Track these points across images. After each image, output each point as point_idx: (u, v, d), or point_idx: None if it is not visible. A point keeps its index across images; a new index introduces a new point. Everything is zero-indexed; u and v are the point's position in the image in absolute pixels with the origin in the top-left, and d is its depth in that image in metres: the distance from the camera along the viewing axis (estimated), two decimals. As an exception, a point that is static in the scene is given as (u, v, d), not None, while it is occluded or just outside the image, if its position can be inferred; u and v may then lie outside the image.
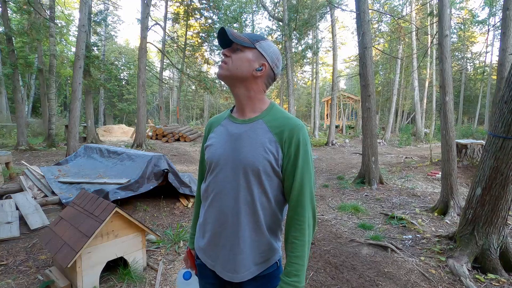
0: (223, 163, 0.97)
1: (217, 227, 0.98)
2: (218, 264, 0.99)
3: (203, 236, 1.05)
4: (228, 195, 0.95)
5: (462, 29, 25.66)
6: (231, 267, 0.96)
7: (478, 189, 2.77)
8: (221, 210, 0.97)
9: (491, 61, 25.12)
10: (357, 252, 3.08)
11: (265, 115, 0.98)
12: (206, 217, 1.03)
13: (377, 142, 6.26)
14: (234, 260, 0.96)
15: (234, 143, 0.97)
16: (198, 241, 1.08)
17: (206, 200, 1.04)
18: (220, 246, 0.98)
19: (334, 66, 15.50)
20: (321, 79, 35.41)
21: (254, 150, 0.92)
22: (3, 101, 16.45)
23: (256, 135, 0.95)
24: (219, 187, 0.98)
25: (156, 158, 4.12)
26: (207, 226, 1.02)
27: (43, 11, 10.69)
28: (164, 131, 14.24)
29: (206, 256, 1.04)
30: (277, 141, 0.93)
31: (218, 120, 1.10)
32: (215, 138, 1.04)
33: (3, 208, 3.55)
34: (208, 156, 1.03)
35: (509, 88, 2.53)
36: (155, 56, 34.00)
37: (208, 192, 1.03)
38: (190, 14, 19.28)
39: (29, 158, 8.34)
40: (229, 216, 0.95)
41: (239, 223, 0.94)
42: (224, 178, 0.97)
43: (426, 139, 17.21)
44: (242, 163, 0.93)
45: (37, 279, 2.41)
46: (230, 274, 0.97)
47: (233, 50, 0.97)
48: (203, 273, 1.08)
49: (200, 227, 1.08)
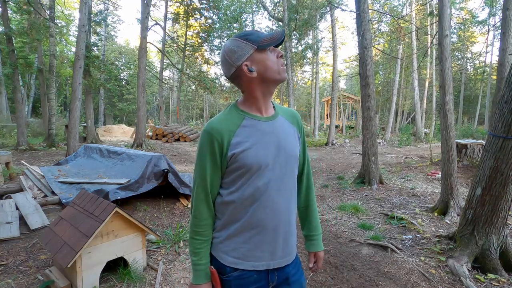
0: (272, 162, 0.99)
1: (272, 224, 1.00)
2: (273, 257, 1.02)
3: (246, 243, 0.99)
4: (279, 189, 1.01)
5: (462, 29, 25.67)
6: (287, 251, 1.05)
7: (478, 189, 2.77)
8: (275, 207, 1.00)
9: (491, 61, 25.12)
10: (357, 252, 3.08)
11: (279, 111, 1.10)
12: (252, 221, 0.98)
13: (377, 142, 6.26)
14: (288, 244, 1.05)
15: (275, 140, 1.01)
16: (233, 253, 1.01)
17: (251, 205, 0.98)
18: (275, 239, 1.01)
19: (334, 66, 15.51)
20: (321, 79, 35.41)
21: (292, 142, 1.06)
22: (3, 101, 16.45)
23: (286, 129, 1.06)
24: (270, 186, 0.99)
25: (156, 158, 4.12)
26: (254, 230, 0.99)
27: (43, 11, 10.69)
28: (164, 131, 14.24)
29: (252, 260, 1.00)
30: (297, 129, 1.12)
31: (233, 122, 1.00)
32: (248, 141, 0.97)
33: (3, 208, 3.55)
34: (251, 160, 0.95)
35: (509, 88, 2.53)
36: (155, 56, 34.00)
37: (256, 196, 0.97)
38: (190, 14, 19.29)
39: (29, 158, 8.34)
40: (283, 208, 1.02)
41: (290, 210, 1.05)
42: (274, 175, 1.00)
43: (426, 139, 17.20)
44: (289, 156, 1.03)
45: (37, 279, 2.41)
46: (285, 258, 1.05)
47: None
48: (242, 284, 1.01)
49: (236, 237, 1.00)
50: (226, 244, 1.01)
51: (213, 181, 1.02)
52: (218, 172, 1.01)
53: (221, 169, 1.01)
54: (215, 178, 1.01)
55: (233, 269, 1.00)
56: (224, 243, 1.02)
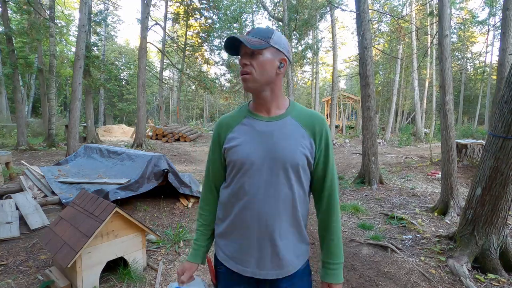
0: (259, 163, 0.94)
1: (256, 228, 0.95)
2: (261, 266, 0.96)
3: (233, 242, 1.00)
4: (267, 194, 0.94)
5: (462, 29, 25.66)
6: (276, 264, 0.96)
7: (478, 189, 2.76)
8: (259, 210, 0.94)
9: (491, 61, 25.11)
10: (357, 252, 3.08)
11: (291, 111, 1.01)
12: (236, 222, 0.98)
13: (377, 142, 6.26)
14: (278, 257, 0.96)
15: (267, 141, 0.95)
16: (224, 249, 1.03)
17: (236, 204, 0.98)
18: (261, 247, 0.95)
19: (334, 66, 15.51)
20: (321, 79, 35.41)
21: (291, 146, 0.95)
22: (3, 101, 16.45)
23: (289, 131, 0.96)
24: (255, 187, 0.95)
25: (156, 158, 4.12)
26: (239, 231, 0.98)
27: (43, 11, 10.68)
28: (164, 131, 14.23)
29: (239, 263, 0.99)
30: (310, 135, 0.98)
31: (235, 119, 1.03)
32: (241, 138, 0.98)
33: (3, 208, 3.55)
34: (237, 157, 0.97)
35: (509, 88, 2.53)
36: (155, 56, 33.99)
37: (240, 195, 0.97)
38: (190, 14, 19.28)
39: (29, 158, 8.34)
40: (269, 214, 0.94)
41: (280, 220, 0.95)
42: (261, 178, 0.94)
43: (426, 139, 17.20)
44: (282, 160, 0.94)
45: (37, 279, 2.41)
46: (274, 271, 0.97)
47: (251, 55, 0.92)
48: (230, 280, 1.03)
49: (226, 235, 1.03)
50: (219, 239, 1.07)
51: (214, 170, 1.09)
52: (219, 162, 1.06)
53: (222, 161, 1.06)
54: (216, 167, 1.08)
55: (222, 265, 1.04)
56: (219, 237, 1.07)
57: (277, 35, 0.95)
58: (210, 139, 9.20)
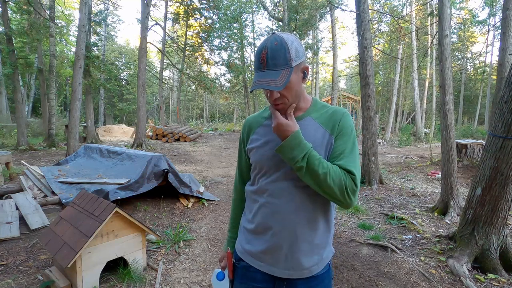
0: (276, 165, 0.95)
1: (276, 229, 0.96)
2: (279, 265, 0.97)
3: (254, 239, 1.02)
4: (286, 196, 0.94)
5: (462, 29, 25.65)
6: (294, 264, 0.96)
7: (478, 189, 2.76)
8: (279, 211, 0.95)
9: (491, 61, 25.07)
10: (357, 252, 3.08)
11: (312, 112, 1.00)
12: (257, 219, 1.00)
13: (377, 142, 6.26)
14: (297, 257, 0.96)
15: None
16: (243, 245, 1.06)
17: (257, 203, 1.01)
18: (279, 247, 0.96)
19: (334, 66, 15.52)
20: (321, 79, 35.41)
21: None
22: (3, 101, 16.44)
23: (307, 133, 0.94)
24: (274, 188, 0.96)
25: (156, 158, 4.12)
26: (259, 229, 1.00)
27: (43, 11, 10.69)
28: (164, 131, 14.22)
29: (259, 260, 1.00)
30: (330, 133, 0.95)
31: (258, 121, 1.06)
32: (261, 140, 1.01)
33: (3, 208, 3.55)
34: (257, 159, 1.00)
35: (509, 88, 2.53)
36: (155, 56, 33.98)
37: (261, 194, 1.00)
38: (190, 14, 19.28)
39: (29, 158, 8.34)
40: (287, 214, 0.94)
41: (299, 220, 0.94)
42: (279, 179, 0.95)
43: (426, 139, 17.19)
44: None
45: (37, 279, 2.41)
46: (293, 271, 0.97)
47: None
48: (247, 276, 1.04)
49: (247, 230, 1.05)
50: (241, 233, 1.10)
51: (241, 167, 1.16)
52: (245, 160, 1.13)
53: (247, 160, 1.11)
54: (243, 164, 1.15)
55: (240, 259, 1.06)
56: (241, 231, 1.10)
57: (292, 46, 0.88)
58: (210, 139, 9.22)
